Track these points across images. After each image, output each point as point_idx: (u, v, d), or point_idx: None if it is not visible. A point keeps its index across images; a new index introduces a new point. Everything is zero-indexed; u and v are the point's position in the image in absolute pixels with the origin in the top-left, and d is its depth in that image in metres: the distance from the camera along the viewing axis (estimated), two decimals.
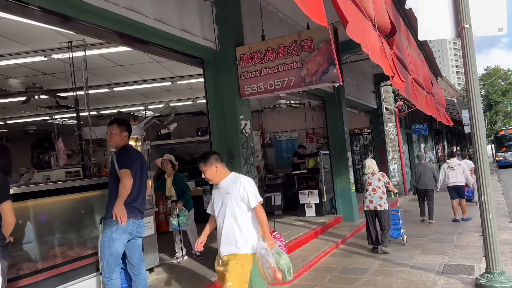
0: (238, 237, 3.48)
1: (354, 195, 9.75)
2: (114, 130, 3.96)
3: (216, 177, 3.61)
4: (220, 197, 3.64)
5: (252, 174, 5.37)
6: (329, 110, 9.76)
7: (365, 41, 3.25)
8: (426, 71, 8.90)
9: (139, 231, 3.91)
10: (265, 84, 5.14)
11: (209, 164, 3.57)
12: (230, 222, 3.51)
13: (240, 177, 3.70)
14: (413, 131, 19.53)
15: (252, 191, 3.55)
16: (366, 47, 3.25)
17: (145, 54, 6.52)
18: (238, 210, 3.51)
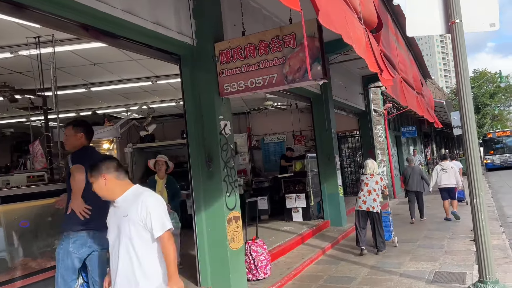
0: (139, 278, 2.57)
1: (342, 199, 9.48)
2: (69, 131, 3.61)
3: (106, 192, 2.69)
4: (116, 221, 2.69)
5: (233, 178, 5.05)
6: (316, 112, 9.49)
7: (348, 32, 2.96)
8: (415, 71, 8.68)
9: (101, 243, 3.51)
10: (245, 82, 4.83)
11: (95, 173, 2.69)
12: (128, 257, 2.59)
13: (143, 193, 2.71)
14: (402, 134, 19.40)
15: (158, 215, 2.60)
16: (350, 38, 2.96)
17: (121, 52, 6.18)
18: (138, 241, 2.59)
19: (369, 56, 3.65)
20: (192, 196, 4.97)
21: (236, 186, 5.11)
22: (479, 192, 4.52)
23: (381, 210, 6.82)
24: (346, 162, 15.85)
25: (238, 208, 5.11)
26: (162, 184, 6.14)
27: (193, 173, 4.97)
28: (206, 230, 4.90)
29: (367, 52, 3.62)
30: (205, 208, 4.91)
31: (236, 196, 5.08)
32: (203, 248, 4.91)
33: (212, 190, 4.86)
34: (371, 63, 3.63)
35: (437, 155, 34.06)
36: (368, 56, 3.60)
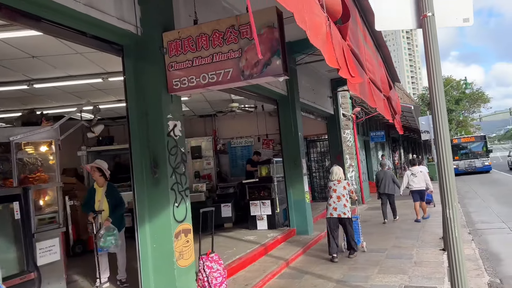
0: None
1: (308, 206, 9.04)
2: None
3: None
4: None
5: (183, 186, 4.47)
6: (283, 114, 9.02)
7: (302, 15, 2.45)
8: (383, 73, 8.36)
9: None
10: (197, 77, 4.27)
11: None
12: None
13: None
14: (370, 138, 19.29)
15: None
16: (304, 23, 2.46)
17: (61, 43, 5.50)
18: None
19: (328, 49, 3.17)
20: (135, 206, 4.35)
21: (187, 195, 4.53)
22: (452, 202, 4.13)
23: (351, 215, 6.87)
24: (314, 167, 15.51)
25: (189, 220, 4.53)
26: (101, 193, 5.47)
27: (136, 180, 4.35)
28: (150, 245, 4.29)
29: (326, 44, 3.14)
30: (149, 221, 4.30)
31: (187, 206, 4.50)
32: (147, 266, 4.29)
33: (158, 199, 4.26)
34: (330, 57, 3.15)
35: (405, 160, 34.50)
36: (327, 48, 3.12)
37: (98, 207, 5.37)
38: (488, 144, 30.95)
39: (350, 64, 3.98)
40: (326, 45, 3.13)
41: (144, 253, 4.31)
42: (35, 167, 5.89)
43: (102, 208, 5.35)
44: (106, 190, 5.49)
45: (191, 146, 12.84)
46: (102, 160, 5.74)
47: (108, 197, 5.42)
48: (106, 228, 5.17)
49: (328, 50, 3.18)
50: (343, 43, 4.06)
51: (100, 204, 5.37)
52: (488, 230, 9.03)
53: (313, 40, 2.63)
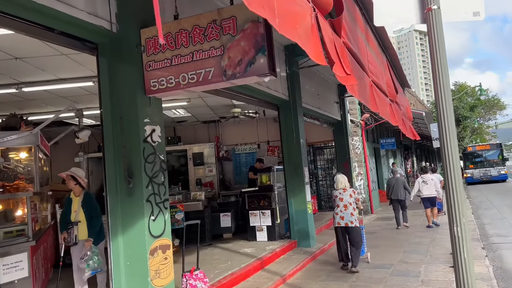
0: None
1: (311, 216, 8.56)
2: None
3: None
4: None
5: (161, 197, 4.07)
6: (284, 120, 8.60)
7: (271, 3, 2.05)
8: (389, 77, 7.90)
9: None
10: (176, 78, 3.89)
11: None
12: None
13: None
14: (380, 146, 18.70)
15: None
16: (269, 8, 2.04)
17: (44, 44, 5.19)
18: None
19: (313, 44, 2.76)
20: (108, 219, 3.96)
21: (166, 207, 4.12)
22: (460, 218, 3.64)
23: (359, 224, 6.75)
24: (321, 175, 15.02)
25: (168, 235, 4.13)
26: (78, 203, 5.10)
27: (109, 191, 3.97)
28: (123, 262, 3.89)
29: (310, 37, 2.73)
30: (122, 235, 3.91)
31: (166, 220, 4.10)
32: (119, 286, 3.89)
33: (132, 212, 3.87)
34: (315, 52, 2.73)
35: (418, 168, 33.67)
36: (311, 42, 2.71)
37: (74, 218, 5.00)
38: (504, 152, 30.00)
39: (344, 61, 3.56)
40: (309, 39, 2.72)
41: (117, 271, 3.91)
42: (15, 175, 5.59)
43: (78, 219, 4.98)
44: (83, 200, 5.12)
45: (193, 152, 12.50)
46: (78, 168, 5.38)
47: (84, 207, 5.05)
48: (90, 249, 4.78)
49: (312, 45, 2.77)
50: (336, 39, 3.64)
51: (76, 215, 5.00)
52: (504, 244, 8.43)
53: (285, 30, 2.23)
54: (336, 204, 6.72)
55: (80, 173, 5.26)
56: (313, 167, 14.74)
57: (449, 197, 3.66)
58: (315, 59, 2.75)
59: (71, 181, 5.13)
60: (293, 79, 8.56)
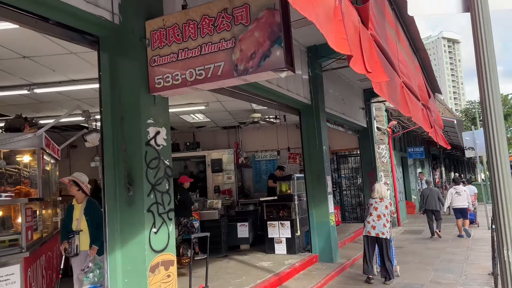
0: None
1: (333, 229, 8.00)
2: None
3: None
4: None
5: (165, 207, 3.65)
6: (305, 125, 8.11)
7: None
8: (421, 80, 7.31)
9: None
10: (183, 74, 3.48)
11: None
12: None
13: None
14: (408, 155, 17.88)
15: None
16: None
17: (51, 41, 4.92)
18: None
19: (336, 28, 2.29)
20: (106, 231, 3.57)
21: (171, 218, 3.70)
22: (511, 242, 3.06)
23: (390, 236, 6.54)
24: (345, 184, 14.37)
25: (172, 249, 3.70)
26: (80, 210, 4.74)
27: (107, 199, 3.58)
28: (121, 280, 3.48)
29: (333, 20, 2.27)
30: (121, 249, 3.51)
31: (170, 232, 3.68)
32: None
33: (131, 223, 3.47)
34: (337, 39, 2.27)
35: (446, 179, 32.31)
36: (334, 27, 2.25)
37: (76, 227, 4.64)
38: None
39: (369, 55, 3.06)
40: (331, 22, 2.25)
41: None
42: (20, 179, 5.32)
43: (79, 228, 4.63)
44: (85, 207, 4.77)
45: (212, 159, 12.12)
46: (81, 173, 5.03)
47: (86, 215, 4.69)
48: (94, 261, 4.41)
49: (334, 29, 2.30)
50: (362, 29, 3.15)
51: (78, 223, 4.65)
52: None
53: (299, 4, 1.77)
54: (369, 212, 6.56)
55: (83, 178, 4.92)
56: (337, 176, 14.13)
57: (497, 215, 3.08)
58: (335, 47, 2.28)
59: (73, 187, 4.79)
60: (316, 82, 8.07)
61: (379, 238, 6.40)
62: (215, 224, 8.47)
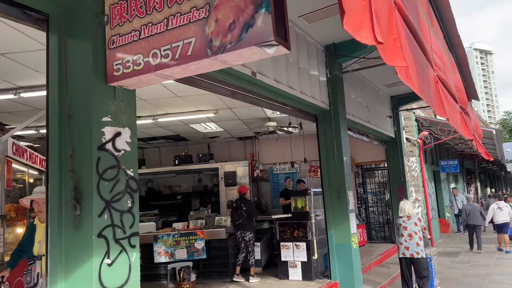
0: None
1: (356, 252, 6.95)
2: None
3: None
4: None
5: (126, 230, 2.81)
6: (323, 133, 7.16)
7: None
8: (459, 79, 6.28)
9: None
10: (145, 56, 2.67)
11: None
12: None
13: None
14: (441, 168, 16.51)
15: None
16: None
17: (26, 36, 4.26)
18: None
19: None
20: (47, 261, 2.75)
21: (134, 245, 2.85)
22: None
23: (426, 255, 6.30)
24: (372, 200, 13.19)
25: (135, 286, 2.83)
26: (42, 231, 3.95)
27: (50, 220, 2.76)
28: None
29: None
30: (64, 284, 2.67)
31: (132, 264, 2.82)
32: None
33: (77, 252, 2.63)
34: None
35: (482, 195, 30.28)
36: None
37: (38, 251, 3.86)
38: None
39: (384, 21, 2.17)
40: None
41: None
42: None
43: (42, 252, 3.84)
44: None
45: (225, 171, 11.28)
46: (43, 187, 4.26)
47: None
48: None
49: None
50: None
51: (41, 247, 3.87)
52: None
53: None
54: (401, 233, 6.41)
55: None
56: (362, 191, 13.00)
57: None
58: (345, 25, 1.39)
59: (37, 204, 4.01)
60: (335, 84, 7.15)
61: (413, 259, 6.21)
62: (222, 244, 7.58)
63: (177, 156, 11.81)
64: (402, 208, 6.55)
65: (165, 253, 7.60)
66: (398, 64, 2.40)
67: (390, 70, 8.89)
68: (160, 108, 8.26)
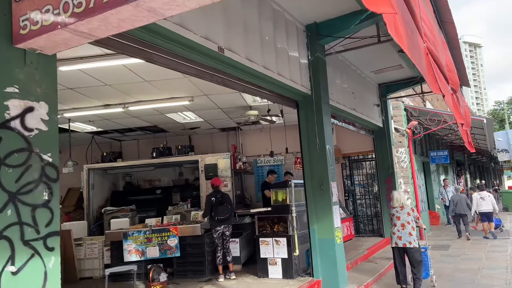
0: None
1: (340, 248, 6.46)
2: None
3: None
4: None
5: (40, 229, 2.24)
6: (304, 120, 6.63)
7: None
8: (450, 59, 5.77)
9: None
10: (55, 7, 2.10)
11: None
12: None
13: None
14: (430, 159, 16.11)
15: None
16: None
17: None
18: None
19: None
20: None
21: (52, 247, 2.29)
22: None
23: (419, 244, 6.27)
24: (359, 192, 12.72)
25: None
26: None
27: None
28: None
29: None
30: None
31: (49, 269, 2.26)
32: None
33: None
34: None
35: (472, 186, 30.11)
36: None
37: None
38: None
39: None
40: None
41: None
42: None
43: None
44: None
45: (205, 164, 10.71)
46: None
47: None
48: None
49: None
50: None
51: None
52: None
53: None
54: (393, 223, 6.35)
55: None
56: (350, 183, 12.52)
57: None
58: None
59: None
60: (318, 68, 6.60)
61: (406, 248, 6.16)
62: (198, 241, 7.04)
63: (155, 148, 11.21)
64: (396, 198, 6.42)
65: (136, 251, 7.03)
66: (384, 9, 1.86)
67: (376, 55, 8.39)
68: (131, 96, 7.65)
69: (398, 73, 9.85)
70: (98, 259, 7.75)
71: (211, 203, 6.87)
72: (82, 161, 11.40)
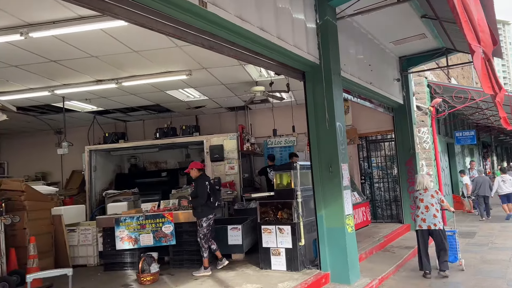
0: None
1: (352, 237, 5.73)
2: None
3: None
4: None
5: None
6: (311, 94, 5.84)
7: None
8: (482, 16, 4.85)
9: None
10: None
11: None
12: None
13: None
14: (455, 140, 15.03)
15: None
16: None
17: None
18: None
19: None
20: None
21: None
22: None
23: (443, 226, 6.11)
24: (377, 175, 11.87)
25: None
26: None
27: None
28: None
29: None
30: None
31: None
32: None
33: None
34: None
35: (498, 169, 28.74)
36: None
37: None
38: None
39: None
40: None
41: None
42: None
43: None
44: None
45: (211, 145, 10.06)
46: None
47: None
48: None
49: None
50: None
51: None
52: None
53: None
54: (417, 205, 6.25)
55: None
56: (367, 165, 11.68)
57: None
58: None
59: None
60: (327, 33, 5.77)
61: (431, 230, 6.03)
62: (194, 227, 6.43)
63: (159, 129, 10.62)
64: (419, 181, 6.36)
65: (129, 238, 6.51)
66: None
67: (396, 21, 7.46)
68: (123, 70, 7.01)
69: (420, 43, 8.86)
70: (92, 246, 7.27)
71: (206, 187, 6.22)
72: (84, 143, 10.95)
